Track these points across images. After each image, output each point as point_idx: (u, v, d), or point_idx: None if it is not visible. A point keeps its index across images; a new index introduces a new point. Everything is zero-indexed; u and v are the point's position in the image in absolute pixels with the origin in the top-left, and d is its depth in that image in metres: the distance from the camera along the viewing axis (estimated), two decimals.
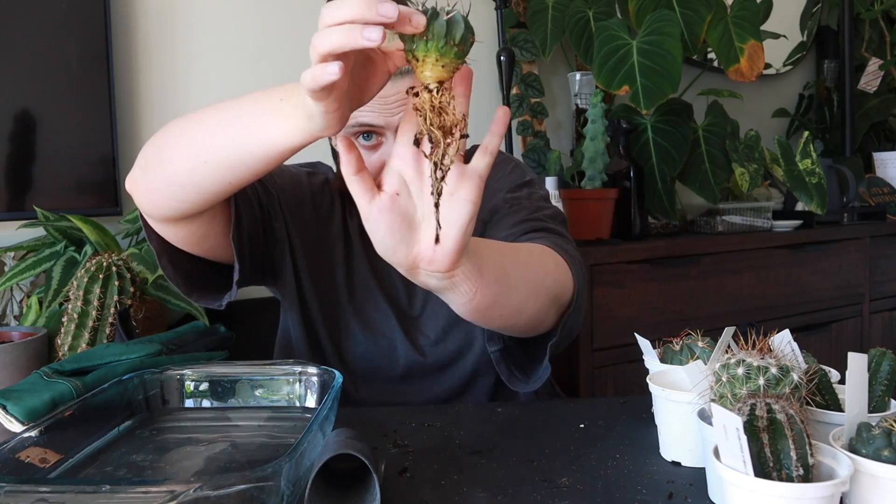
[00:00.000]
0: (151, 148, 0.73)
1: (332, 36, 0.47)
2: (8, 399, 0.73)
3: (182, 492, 0.46)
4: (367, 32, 0.46)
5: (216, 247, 0.85)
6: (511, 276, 0.68)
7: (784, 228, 2.09)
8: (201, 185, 0.69)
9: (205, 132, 0.66)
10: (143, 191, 0.74)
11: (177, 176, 0.70)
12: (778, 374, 0.56)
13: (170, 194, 0.72)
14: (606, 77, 1.81)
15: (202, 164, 0.66)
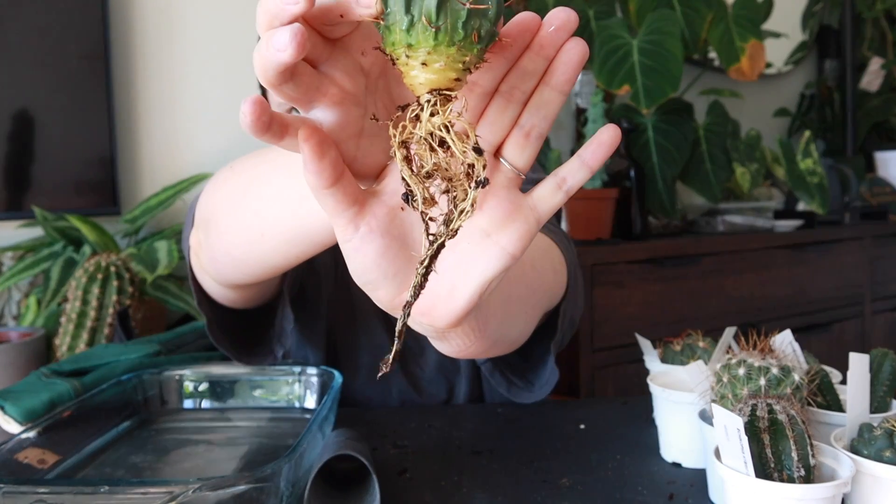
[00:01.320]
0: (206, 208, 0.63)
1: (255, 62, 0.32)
2: (6, 400, 0.72)
3: (181, 492, 0.46)
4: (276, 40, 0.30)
5: (267, 296, 0.78)
6: (512, 314, 0.56)
7: (785, 228, 2.09)
8: (262, 260, 0.59)
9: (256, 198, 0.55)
10: (208, 256, 0.64)
11: (234, 247, 0.59)
12: (779, 375, 0.55)
13: (229, 263, 0.62)
14: (607, 76, 1.81)
15: (259, 236, 0.55)
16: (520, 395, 0.78)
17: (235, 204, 0.58)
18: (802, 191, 2.04)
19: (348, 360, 0.94)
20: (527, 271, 0.58)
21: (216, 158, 1.67)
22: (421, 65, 0.30)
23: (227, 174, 0.61)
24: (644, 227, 1.90)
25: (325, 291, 0.91)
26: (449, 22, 0.29)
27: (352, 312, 0.93)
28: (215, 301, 0.75)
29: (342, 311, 0.93)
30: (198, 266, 0.70)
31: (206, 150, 1.67)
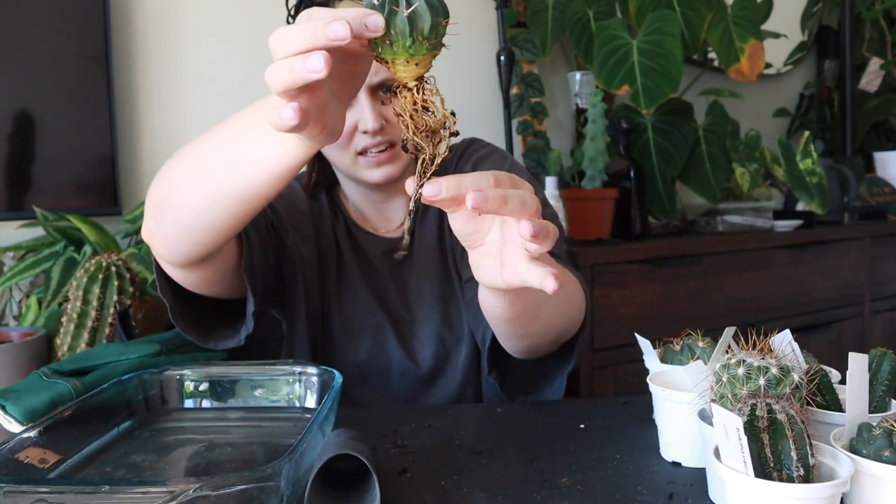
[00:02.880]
0: (156, 196, 0.71)
1: (278, 75, 0.45)
2: (7, 399, 0.73)
3: (182, 492, 0.46)
4: (310, 62, 0.43)
5: (232, 282, 0.83)
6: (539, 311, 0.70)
7: (785, 228, 2.09)
8: (215, 224, 0.67)
9: (205, 171, 0.64)
10: (161, 240, 0.72)
11: (189, 220, 0.67)
12: (778, 375, 0.56)
13: (186, 238, 0.70)
14: (606, 77, 1.81)
15: (211, 203, 0.64)
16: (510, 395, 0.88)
17: (186, 182, 0.66)
18: (802, 191, 2.04)
19: (347, 342, 0.97)
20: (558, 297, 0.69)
21: None
22: (414, 65, 0.48)
23: (171, 164, 0.69)
24: (644, 227, 1.90)
25: (305, 277, 0.96)
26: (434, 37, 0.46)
27: (348, 296, 0.98)
28: (180, 289, 0.81)
29: (335, 297, 0.98)
30: (156, 255, 0.75)
31: None
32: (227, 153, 0.62)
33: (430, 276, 1.00)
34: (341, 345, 0.98)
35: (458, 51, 2.00)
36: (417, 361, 0.98)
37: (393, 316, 0.99)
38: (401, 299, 1.00)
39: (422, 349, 0.99)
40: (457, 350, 0.99)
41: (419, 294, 1.00)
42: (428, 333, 0.99)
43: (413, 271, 1.01)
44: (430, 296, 0.99)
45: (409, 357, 0.98)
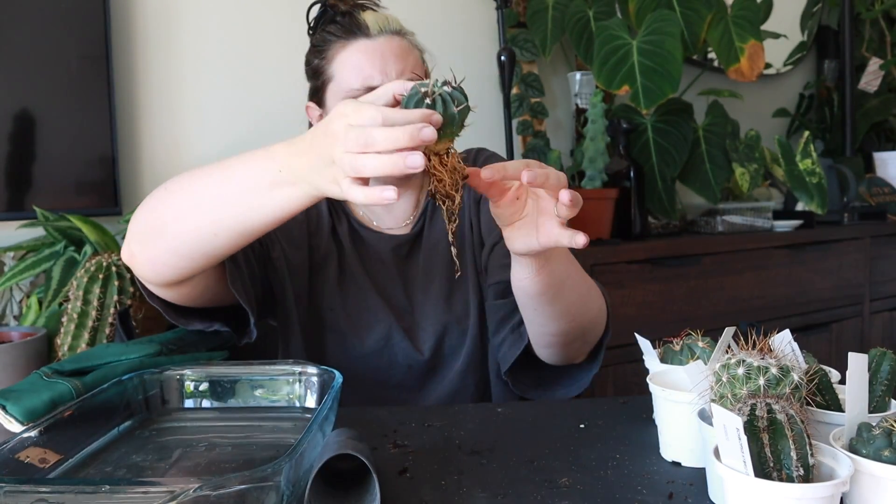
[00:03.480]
0: (146, 222, 0.75)
1: (384, 166, 0.56)
2: (7, 399, 0.73)
3: (182, 492, 0.46)
4: (411, 161, 0.55)
5: (216, 296, 0.86)
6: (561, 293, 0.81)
7: (784, 228, 2.09)
8: (212, 253, 0.73)
9: (209, 208, 0.70)
10: (144, 261, 0.77)
11: (184, 248, 0.73)
12: (778, 375, 0.56)
13: (176, 263, 0.75)
14: (606, 77, 1.81)
15: (213, 237, 0.71)
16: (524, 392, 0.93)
17: (185, 214, 0.71)
18: (801, 191, 2.04)
19: (354, 336, 0.99)
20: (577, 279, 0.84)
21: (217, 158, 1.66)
22: (449, 140, 0.61)
23: (163, 195, 0.74)
24: (644, 227, 1.90)
25: (294, 284, 0.98)
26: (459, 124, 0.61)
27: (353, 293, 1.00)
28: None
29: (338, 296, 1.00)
30: (138, 276, 0.80)
31: (206, 150, 1.67)
32: (234, 198, 0.68)
33: (439, 272, 1.02)
34: (348, 339, 0.99)
35: (458, 51, 2.00)
36: (422, 350, 1.00)
37: (398, 310, 1.01)
38: (406, 294, 1.02)
39: (426, 338, 1.01)
40: (461, 341, 1.01)
41: (427, 289, 1.02)
42: (433, 322, 1.01)
43: (421, 268, 1.03)
44: (438, 289, 1.02)
45: (414, 347, 1.00)
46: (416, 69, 0.96)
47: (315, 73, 1.00)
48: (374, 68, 0.93)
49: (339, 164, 0.59)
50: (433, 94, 0.59)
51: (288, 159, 0.65)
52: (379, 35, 0.95)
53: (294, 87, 1.78)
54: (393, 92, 0.63)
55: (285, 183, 0.65)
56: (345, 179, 0.59)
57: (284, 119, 1.77)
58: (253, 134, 1.72)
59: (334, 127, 0.60)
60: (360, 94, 0.90)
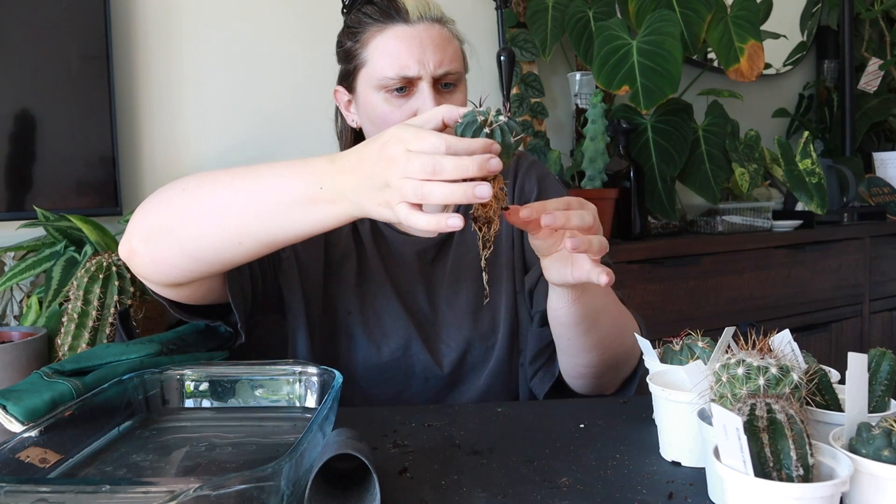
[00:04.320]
0: (157, 221, 0.72)
1: (454, 194, 0.56)
2: (8, 399, 0.73)
3: (182, 492, 0.46)
4: (480, 191, 0.56)
5: (219, 297, 0.84)
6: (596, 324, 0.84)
7: (784, 228, 2.09)
8: (230, 260, 0.71)
9: (237, 217, 0.67)
10: (148, 261, 0.74)
11: (200, 252, 0.70)
12: (778, 374, 0.56)
13: (186, 265, 0.72)
14: (606, 77, 1.81)
15: (237, 245, 0.69)
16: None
17: (207, 219, 0.69)
18: (801, 191, 2.04)
19: (370, 343, 0.96)
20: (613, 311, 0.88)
21: (217, 158, 1.67)
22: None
23: (180, 194, 0.71)
24: (643, 227, 1.90)
25: (305, 284, 0.96)
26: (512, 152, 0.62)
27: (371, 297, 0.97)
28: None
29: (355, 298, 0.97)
30: (137, 273, 0.78)
31: (207, 151, 1.67)
32: (266, 210, 0.66)
33: (466, 285, 0.99)
34: (363, 345, 0.96)
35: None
36: (442, 365, 0.97)
37: (419, 318, 0.98)
38: (429, 301, 0.99)
39: (448, 353, 0.97)
40: (485, 358, 0.98)
41: (452, 300, 0.99)
42: (456, 338, 0.97)
43: (448, 276, 1.00)
44: (465, 303, 0.99)
45: (434, 360, 0.96)
46: (454, 60, 0.92)
47: (347, 55, 0.95)
48: (412, 57, 0.88)
49: (397, 189, 0.58)
50: (492, 123, 0.60)
51: (330, 176, 0.63)
52: (419, 21, 0.90)
53: (294, 87, 1.79)
54: (442, 117, 0.62)
55: (325, 200, 0.63)
56: (400, 204, 0.58)
57: (285, 119, 1.77)
58: (253, 134, 1.72)
59: (391, 151, 0.59)
60: (395, 83, 0.89)
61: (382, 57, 0.90)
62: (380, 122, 0.92)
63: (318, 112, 1.81)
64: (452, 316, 0.98)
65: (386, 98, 0.90)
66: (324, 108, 1.85)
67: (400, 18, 0.90)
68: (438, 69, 0.89)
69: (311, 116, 1.80)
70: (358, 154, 0.63)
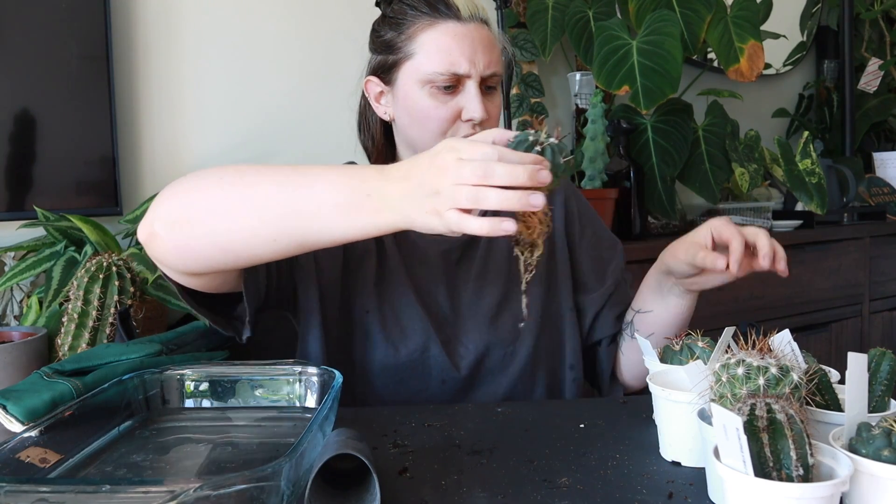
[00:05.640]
0: (186, 207, 0.70)
1: (510, 200, 0.57)
2: (8, 399, 0.73)
3: (182, 492, 0.46)
4: (534, 199, 0.57)
5: (234, 288, 0.83)
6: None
7: (784, 228, 2.09)
8: (261, 256, 0.70)
9: (274, 216, 0.66)
10: (170, 246, 0.72)
11: (230, 245, 0.69)
12: (778, 374, 0.56)
13: (211, 255, 0.70)
14: (606, 77, 1.81)
15: (271, 242, 0.67)
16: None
17: (244, 214, 0.67)
18: (801, 191, 2.04)
19: (387, 343, 0.94)
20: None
21: (217, 158, 1.67)
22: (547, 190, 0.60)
23: (216, 184, 0.69)
24: (643, 227, 1.90)
25: (321, 282, 0.94)
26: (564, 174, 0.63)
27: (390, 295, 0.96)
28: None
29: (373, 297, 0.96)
30: (155, 258, 0.75)
31: (207, 150, 1.67)
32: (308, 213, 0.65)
33: (490, 289, 0.99)
34: (380, 345, 0.95)
35: None
36: (459, 367, 0.96)
37: (438, 319, 0.97)
38: (450, 302, 0.98)
39: (466, 354, 0.96)
40: (504, 363, 0.97)
41: (475, 302, 0.98)
42: (475, 340, 0.97)
43: (472, 278, 0.99)
44: (487, 306, 0.98)
45: (451, 362, 0.95)
46: (499, 63, 0.93)
47: (387, 46, 0.93)
48: (463, 55, 0.88)
49: (449, 196, 0.58)
50: (542, 143, 0.61)
51: (378, 185, 0.63)
52: (470, 20, 0.90)
53: (294, 87, 1.79)
54: (492, 138, 0.63)
55: (371, 209, 0.63)
56: (450, 210, 0.59)
57: (285, 119, 1.77)
58: (253, 133, 1.72)
59: (443, 160, 0.59)
60: (444, 79, 0.88)
61: (433, 52, 0.89)
62: (421, 117, 0.91)
63: (318, 111, 1.81)
64: (472, 318, 0.98)
65: (431, 93, 0.90)
66: (324, 107, 1.85)
67: (452, 15, 0.90)
68: (486, 70, 0.90)
69: (312, 116, 1.80)
70: (408, 165, 0.63)
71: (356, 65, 1.06)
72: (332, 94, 1.81)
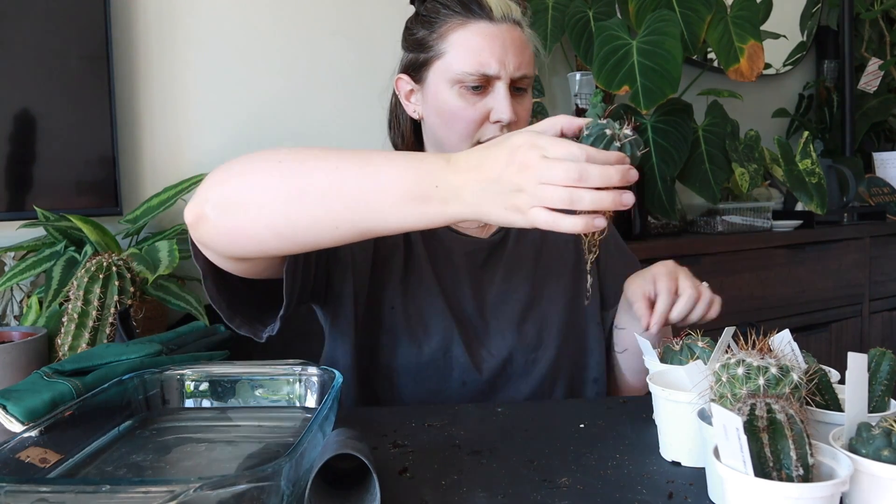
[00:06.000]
0: (241, 189, 0.67)
1: (603, 200, 0.57)
2: (8, 399, 0.73)
3: (182, 492, 0.46)
4: (627, 198, 0.58)
5: (273, 274, 0.80)
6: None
7: (784, 228, 2.09)
8: (320, 243, 0.68)
9: (338, 203, 0.64)
10: (221, 229, 0.69)
11: (289, 230, 0.66)
12: (778, 374, 0.56)
13: (266, 240, 0.68)
14: (606, 77, 1.81)
15: (333, 230, 0.65)
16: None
17: (306, 198, 0.64)
18: (801, 191, 2.04)
19: (411, 341, 0.94)
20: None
21: (217, 158, 1.67)
22: None
23: (275, 168, 0.66)
24: (643, 227, 1.90)
25: (356, 279, 0.93)
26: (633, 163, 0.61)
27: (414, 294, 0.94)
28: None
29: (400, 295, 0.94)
30: (199, 240, 0.72)
31: (207, 151, 1.67)
32: (374, 201, 0.63)
33: (516, 293, 0.98)
34: (403, 343, 0.94)
35: None
36: (481, 370, 0.95)
37: (463, 320, 0.96)
38: (475, 304, 0.97)
39: (489, 359, 0.95)
40: (527, 369, 0.97)
41: (499, 305, 0.98)
42: (499, 346, 0.96)
43: (498, 280, 0.98)
44: (511, 311, 0.98)
45: (473, 364, 0.94)
46: (530, 65, 0.92)
47: (419, 44, 0.93)
48: (493, 56, 0.88)
49: (533, 193, 0.57)
50: (621, 138, 0.61)
51: (446, 176, 0.61)
52: (502, 21, 0.90)
53: (295, 87, 1.79)
54: (561, 126, 0.62)
55: (438, 199, 0.61)
56: (536, 208, 0.58)
57: (285, 118, 1.77)
58: (253, 134, 1.72)
59: (526, 156, 0.58)
60: (473, 79, 0.88)
61: (463, 52, 0.89)
62: (448, 117, 0.91)
63: (318, 111, 1.81)
64: (497, 322, 0.97)
65: (460, 93, 0.90)
66: (324, 107, 1.85)
67: (484, 15, 0.89)
68: (517, 72, 0.89)
69: (312, 116, 1.80)
70: (479, 156, 0.61)
71: (356, 65, 1.06)
72: (332, 93, 1.81)
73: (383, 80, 1.05)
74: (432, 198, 0.61)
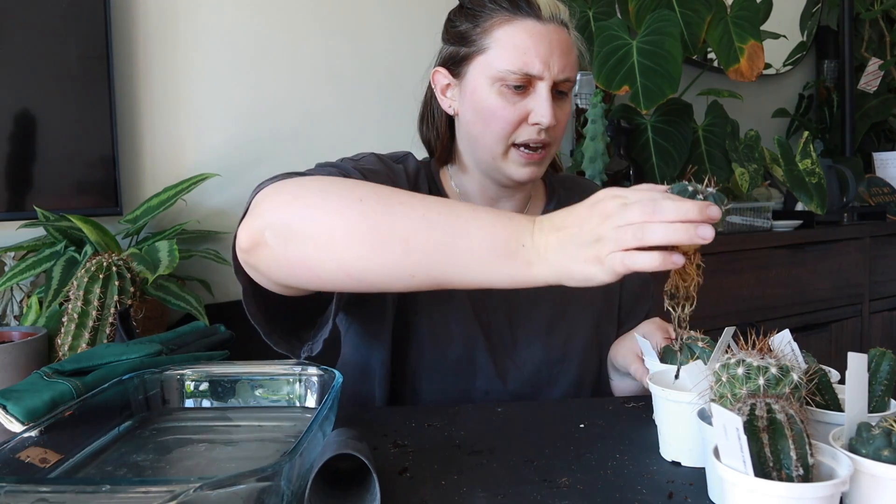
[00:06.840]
0: (311, 222, 0.64)
1: (678, 233, 0.55)
2: (8, 399, 0.73)
3: (182, 492, 0.46)
4: (702, 231, 0.55)
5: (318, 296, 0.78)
6: None
7: (784, 228, 2.09)
8: (390, 286, 0.65)
9: (420, 255, 0.61)
10: (280, 259, 0.65)
11: (361, 273, 0.63)
12: (778, 374, 0.56)
13: (328, 278, 0.65)
14: (606, 77, 1.82)
15: (408, 277, 0.63)
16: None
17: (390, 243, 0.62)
18: (801, 191, 2.04)
19: (434, 347, 0.92)
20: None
21: (217, 159, 1.67)
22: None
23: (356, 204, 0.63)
24: None
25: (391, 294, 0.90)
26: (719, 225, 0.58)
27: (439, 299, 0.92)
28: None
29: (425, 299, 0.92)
30: (248, 260, 0.69)
31: (207, 151, 1.67)
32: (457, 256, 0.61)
33: (545, 307, 0.96)
34: (428, 349, 0.92)
35: None
36: (507, 381, 0.93)
37: (489, 329, 0.94)
38: (504, 313, 0.95)
39: (515, 372, 0.94)
40: (549, 383, 0.96)
41: (526, 318, 0.96)
42: (526, 359, 0.95)
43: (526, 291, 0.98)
44: (538, 324, 0.96)
45: (498, 376, 0.93)
46: (574, 68, 0.89)
47: (461, 38, 0.89)
48: (538, 56, 0.85)
49: (611, 238, 0.56)
50: (703, 192, 0.59)
51: (532, 234, 0.59)
52: (550, 21, 0.87)
53: (295, 87, 1.79)
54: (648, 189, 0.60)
55: (524, 259, 0.59)
56: (613, 254, 0.56)
57: (285, 119, 1.77)
58: (254, 134, 1.73)
59: (606, 206, 0.57)
60: (516, 78, 0.84)
61: (508, 49, 0.85)
62: (487, 114, 0.88)
63: (318, 111, 1.81)
64: (524, 334, 0.95)
65: (500, 91, 0.86)
66: (324, 106, 1.85)
67: (532, 13, 0.86)
68: (560, 74, 0.86)
69: (312, 116, 1.80)
70: (563, 214, 0.60)
71: (356, 64, 1.06)
72: (332, 93, 1.81)
73: (382, 79, 1.05)
74: (517, 258, 0.59)
